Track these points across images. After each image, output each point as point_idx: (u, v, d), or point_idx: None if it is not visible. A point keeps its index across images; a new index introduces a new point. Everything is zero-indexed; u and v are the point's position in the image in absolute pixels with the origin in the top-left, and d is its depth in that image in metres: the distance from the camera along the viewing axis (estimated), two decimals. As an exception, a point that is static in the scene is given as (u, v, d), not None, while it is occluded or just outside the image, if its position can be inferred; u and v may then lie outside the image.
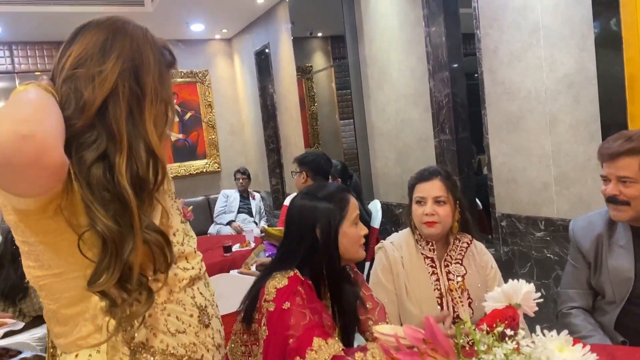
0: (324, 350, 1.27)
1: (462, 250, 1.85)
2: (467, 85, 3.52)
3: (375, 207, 3.58)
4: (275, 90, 5.89)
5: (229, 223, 5.56)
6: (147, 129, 0.94)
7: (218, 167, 6.90)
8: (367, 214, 3.42)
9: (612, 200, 1.65)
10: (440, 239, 1.83)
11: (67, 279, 0.98)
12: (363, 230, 1.53)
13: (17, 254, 2.35)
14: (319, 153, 3.26)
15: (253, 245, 4.04)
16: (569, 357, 0.88)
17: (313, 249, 1.46)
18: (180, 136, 6.67)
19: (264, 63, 6.17)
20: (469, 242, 1.87)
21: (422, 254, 1.83)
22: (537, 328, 0.96)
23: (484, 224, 3.46)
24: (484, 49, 2.99)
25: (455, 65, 3.44)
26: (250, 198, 5.81)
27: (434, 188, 1.78)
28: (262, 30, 5.95)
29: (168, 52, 1.06)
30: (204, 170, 6.83)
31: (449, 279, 1.79)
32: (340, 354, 1.28)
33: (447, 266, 1.82)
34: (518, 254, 2.95)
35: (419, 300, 1.76)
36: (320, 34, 5.44)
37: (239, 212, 5.69)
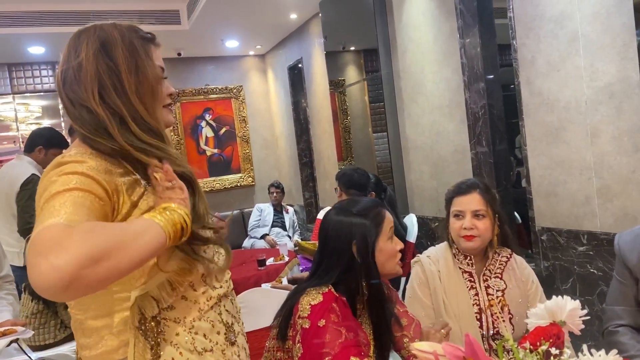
0: None
1: (501, 264, 1.79)
2: (504, 97, 3.46)
3: (411, 221, 3.53)
4: (308, 104, 5.92)
5: (262, 237, 5.59)
6: (131, 99, 1.00)
7: (252, 181, 6.96)
8: (403, 228, 3.37)
9: None
10: (479, 253, 1.78)
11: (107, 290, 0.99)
12: (399, 244, 1.51)
13: None
14: (354, 167, 3.26)
15: (287, 259, 4.04)
16: (620, 379, 0.83)
17: (350, 266, 1.44)
18: (216, 151, 6.77)
19: (297, 77, 6.22)
20: (509, 256, 1.81)
21: (459, 268, 1.79)
22: (583, 347, 0.92)
23: (523, 238, 3.37)
24: (521, 60, 2.93)
25: (491, 76, 3.39)
26: (284, 212, 5.83)
27: (472, 201, 1.74)
28: (295, 45, 6.01)
29: (140, 30, 1.10)
30: (238, 185, 6.90)
31: (488, 294, 1.74)
32: None
33: (486, 280, 1.77)
34: (559, 269, 2.86)
35: (457, 315, 1.72)
36: (352, 48, 5.46)
37: (272, 226, 5.71)
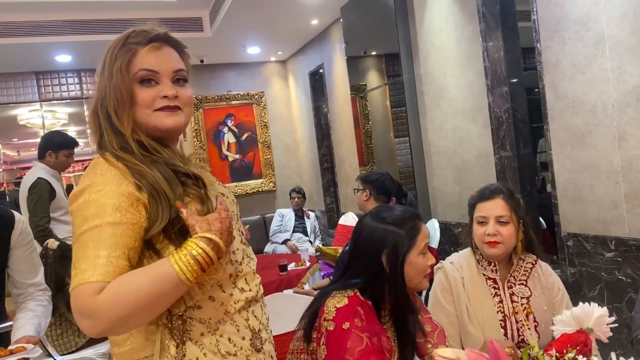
0: None
1: (526, 270, 1.76)
2: (528, 100, 3.41)
3: (433, 226, 3.49)
4: (329, 109, 5.93)
5: (284, 242, 5.59)
6: (107, 107, 1.09)
7: (273, 187, 6.99)
8: (424, 233, 3.34)
9: None
10: (503, 260, 1.75)
11: None
12: (431, 260, 1.48)
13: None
14: (383, 172, 3.22)
15: (308, 264, 4.03)
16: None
17: (378, 273, 1.43)
18: (237, 156, 6.82)
19: (318, 83, 6.23)
20: (534, 262, 1.78)
21: (483, 274, 1.76)
22: (612, 355, 0.89)
23: (548, 243, 3.30)
24: (545, 62, 2.89)
25: (515, 79, 3.34)
26: (305, 217, 5.83)
27: (496, 207, 1.71)
28: (316, 51, 6.02)
29: (133, 34, 1.11)
30: (260, 190, 6.93)
31: (512, 301, 1.71)
32: None
33: (510, 287, 1.73)
34: (586, 276, 2.79)
35: (481, 322, 1.69)
36: (374, 53, 5.45)
37: (294, 231, 5.71)
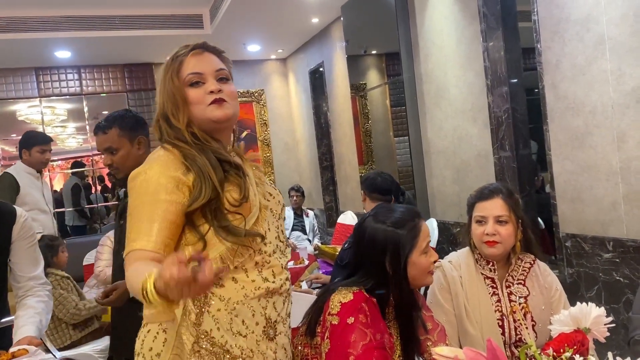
0: None
1: (524, 270, 1.76)
2: (528, 101, 3.41)
3: (432, 225, 3.50)
4: (329, 108, 5.93)
5: (283, 240, 5.58)
6: (165, 109, 1.30)
7: (273, 185, 6.98)
8: (423, 232, 3.34)
9: None
10: (502, 259, 1.76)
11: None
12: (433, 256, 1.49)
13: None
14: (378, 171, 3.23)
15: (307, 262, 4.03)
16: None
17: (381, 275, 1.44)
18: (237, 154, 6.81)
19: (318, 81, 6.23)
20: (532, 262, 1.78)
21: (482, 274, 1.76)
22: (609, 355, 0.89)
23: (547, 244, 3.31)
24: (545, 63, 2.89)
25: (515, 80, 3.35)
26: (304, 215, 5.83)
27: (495, 207, 1.71)
28: (316, 49, 6.02)
29: (181, 50, 1.32)
30: (259, 188, 6.92)
31: (510, 300, 1.71)
32: None
33: (508, 287, 1.73)
34: (584, 276, 2.80)
35: (479, 321, 1.69)
36: (374, 52, 5.45)
37: (292, 230, 5.71)
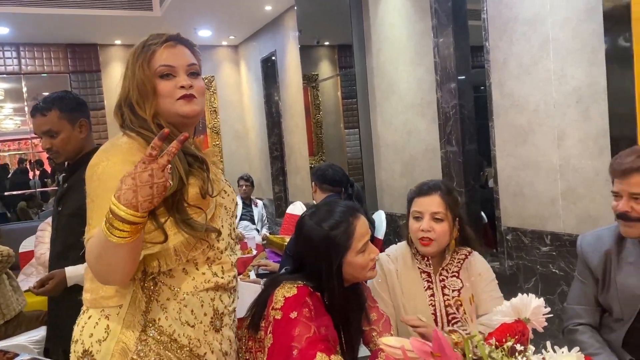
0: None
1: (459, 262, 1.79)
2: (475, 98, 3.51)
3: (380, 217, 3.54)
4: (280, 97, 5.89)
5: (230, 230, 5.52)
6: (130, 97, 1.27)
7: (222, 172, 6.89)
8: (371, 223, 3.39)
9: (623, 217, 1.62)
10: (437, 255, 1.79)
11: None
12: (373, 253, 1.48)
13: None
14: (328, 163, 3.25)
15: (255, 252, 4.01)
16: (582, 375, 0.85)
17: (317, 273, 1.43)
18: (185, 141, 6.68)
19: (270, 70, 6.18)
20: (467, 253, 1.81)
21: (418, 267, 1.79)
22: (547, 344, 0.93)
23: (489, 237, 3.42)
24: (493, 61, 2.97)
25: (463, 76, 3.43)
26: (253, 205, 5.78)
27: (432, 204, 1.73)
28: (269, 37, 5.96)
29: (153, 37, 1.29)
30: (208, 176, 6.82)
31: (444, 294, 1.75)
32: None
33: (442, 280, 1.76)
34: (523, 268, 2.92)
35: (414, 314, 1.72)
36: (327, 43, 5.45)
37: (241, 219, 5.65)
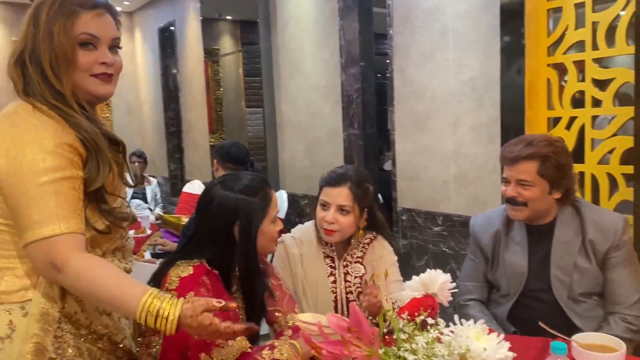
0: (230, 347, 1.21)
1: (364, 247, 1.81)
2: (377, 84, 3.59)
3: (282, 197, 3.54)
4: (179, 70, 5.65)
5: (121, 208, 5.23)
6: (41, 63, 1.10)
7: (112, 148, 6.49)
8: (273, 203, 3.37)
9: (511, 202, 1.74)
10: (341, 242, 1.78)
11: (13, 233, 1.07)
12: (279, 226, 1.47)
13: None
14: (232, 142, 3.20)
15: (149, 232, 3.83)
16: (487, 345, 0.90)
17: (227, 244, 1.38)
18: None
19: (168, 41, 5.89)
20: (372, 238, 1.83)
21: (323, 252, 1.78)
22: (455, 317, 0.97)
23: (385, 217, 3.55)
24: (396, 48, 3.05)
25: (367, 61, 3.49)
26: (146, 183, 5.52)
27: (339, 196, 1.70)
28: (168, 6, 5.67)
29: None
30: (96, 151, 6.39)
31: (346, 281, 1.76)
32: (248, 351, 1.23)
33: (346, 267, 1.78)
34: (416, 247, 3.06)
35: (314, 301, 1.72)
36: (229, 17, 5.30)
37: (132, 197, 5.37)
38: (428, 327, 0.92)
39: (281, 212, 3.43)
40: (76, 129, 1.07)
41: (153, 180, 5.60)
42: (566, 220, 1.76)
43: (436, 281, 1.08)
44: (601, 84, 2.25)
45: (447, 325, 0.93)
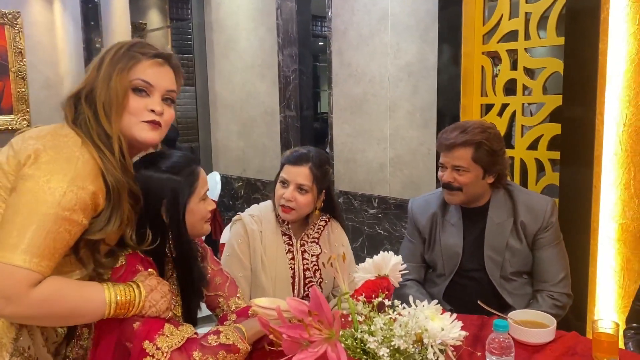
0: (176, 334, 1.18)
1: (319, 229, 1.86)
2: (314, 66, 3.57)
3: (215, 179, 3.46)
4: (103, 44, 5.32)
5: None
6: (96, 104, 1.16)
7: (27, 125, 6.05)
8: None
9: (447, 186, 1.81)
10: (298, 221, 1.82)
11: None
12: (210, 205, 1.42)
13: None
14: None
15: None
16: (442, 325, 0.92)
17: (156, 225, 1.31)
18: (-21, 85, 5.69)
19: (91, 12, 5.53)
20: (327, 220, 1.89)
21: (281, 231, 1.81)
22: (410, 298, 0.99)
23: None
24: (335, 30, 3.04)
25: (305, 42, 3.45)
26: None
27: (299, 175, 1.73)
28: (91, -25, 5.32)
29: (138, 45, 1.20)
30: (10, 128, 5.92)
31: (303, 259, 1.80)
32: (193, 337, 1.20)
33: (303, 245, 1.82)
34: (352, 229, 3.10)
35: (273, 278, 1.74)
36: (158, -9, 5.05)
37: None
38: (386, 308, 0.92)
39: (213, 194, 3.36)
40: (107, 173, 1.09)
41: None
42: (499, 203, 1.84)
43: (388, 263, 1.09)
44: (532, 73, 2.36)
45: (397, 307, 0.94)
